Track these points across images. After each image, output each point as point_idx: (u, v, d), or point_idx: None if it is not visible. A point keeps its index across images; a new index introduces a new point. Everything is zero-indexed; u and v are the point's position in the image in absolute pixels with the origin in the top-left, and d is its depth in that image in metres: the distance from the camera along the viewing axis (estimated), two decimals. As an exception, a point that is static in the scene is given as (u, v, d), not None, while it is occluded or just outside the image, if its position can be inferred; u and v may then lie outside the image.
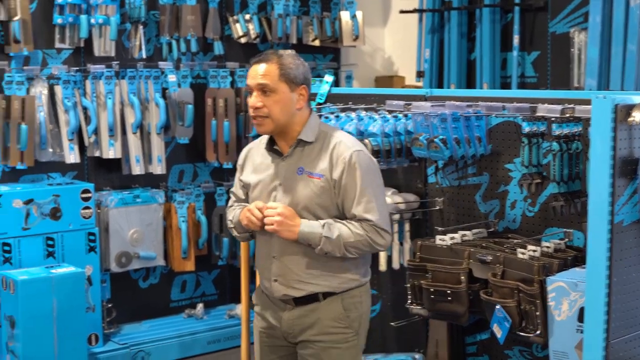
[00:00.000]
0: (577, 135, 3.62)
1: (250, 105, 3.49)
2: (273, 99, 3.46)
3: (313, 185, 3.49)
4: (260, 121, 3.48)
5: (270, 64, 3.47)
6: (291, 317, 3.57)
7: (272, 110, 3.46)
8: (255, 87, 3.46)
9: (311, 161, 3.52)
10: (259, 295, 3.75)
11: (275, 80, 3.46)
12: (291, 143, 3.55)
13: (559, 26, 6.28)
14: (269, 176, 3.58)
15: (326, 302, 3.55)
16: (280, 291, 3.56)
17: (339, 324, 3.55)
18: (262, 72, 3.46)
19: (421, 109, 4.09)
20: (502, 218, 4.13)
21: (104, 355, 5.72)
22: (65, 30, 5.87)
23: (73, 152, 5.82)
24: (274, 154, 3.60)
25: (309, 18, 6.90)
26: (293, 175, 3.53)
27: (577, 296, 3.39)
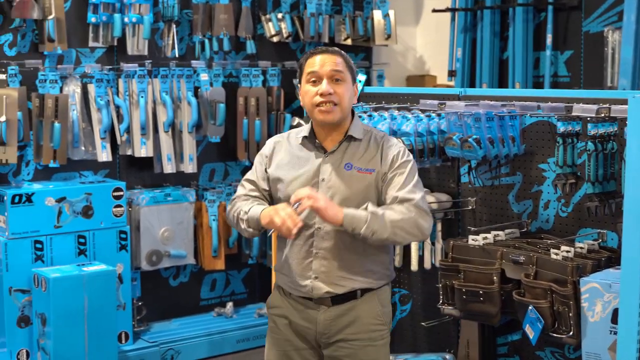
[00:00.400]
0: (612, 135, 3.59)
1: (323, 92, 3.41)
2: (343, 87, 3.46)
3: (364, 180, 3.47)
4: (330, 108, 3.43)
5: (337, 55, 3.49)
6: (328, 317, 3.50)
7: (342, 98, 3.45)
8: (327, 74, 3.43)
9: (359, 157, 3.49)
10: (279, 298, 3.63)
11: (345, 70, 3.48)
12: (338, 139, 3.52)
13: (592, 25, 6.23)
14: (309, 172, 3.50)
15: (364, 299, 3.51)
16: (322, 289, 3.48)
17: (377, 321, 3.53)
18: (335, 62, 3.46)
19: (455, 109, 4.07)
20: (535, 218, 4.10)
21: (133, 353, 5.74)
22: (99, 29, 5.89)
23: (105, 150, 5.85)
24: (315, 149, 3.53)
25: (342, 17, 6.88)
26: (339, 171, 3.48)
27: (611, 297, 3.36)
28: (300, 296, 3.54)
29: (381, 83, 7.20)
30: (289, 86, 6.67)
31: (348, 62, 3.51)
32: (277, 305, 3.63)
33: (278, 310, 3.61)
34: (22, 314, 5.30)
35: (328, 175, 3.48)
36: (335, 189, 3.45)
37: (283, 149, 3.61)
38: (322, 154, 3.52)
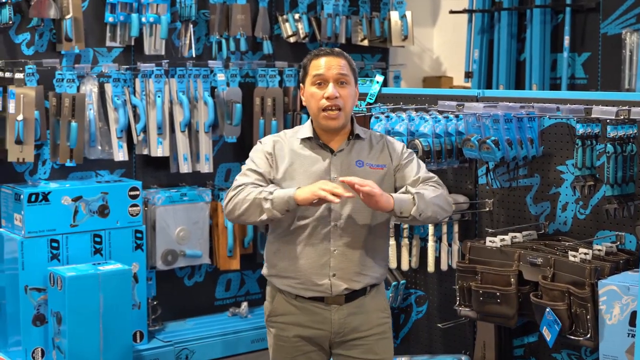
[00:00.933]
0: (631, 138, 3.57)
1: (329, 95, 3.45)
2: (348, 91, 3.50)
3: (377, 175, 3.53)
4: (335, 115, 3.47)
5: (342, 57, 3.53)
6: (342, 316, 3.53)
7: (347, 102, 3.50)
8: (333, 77, 3.47)
9: (367, 155, 3.57)
10: (283, 304, 3.59)
11: (349, 72, 3.52)
12: (342, 138, 3.56)
13: (610, 27, 6.21)
14: (318, 171, 3.51)
15: (371, 294, 3.59)
16: (341, 285, 3.50)
17: (384, 314, 3.64)
18: (340, 65, 3.50)
19: (473, 110, 4.06)
20: (552, 220, 4.08)
21: (148, 353, 5.74)
22: (116, 29, 5.90)
23: (122, 150, 5.85)
24: (320, 148, 3.55)
25: (358, 18, 6.88)
26: (351, 168, 3.52)
27: (629, 300, 3.34)
28: (311, 297, 3.53)
29: (397, 84, 7.19)
30: (305, 87, 6.66)
31: (351, 65, 3.56)
32: (282, 312, 3.59)
33: (284, 318, 3.58)
34: (37, 313, 5.31)
35: (339, 173, 3.51)
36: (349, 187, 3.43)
37: (285, 148, 3.58)
38: (329, 153, 3.55)
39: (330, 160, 3.54)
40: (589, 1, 6.32)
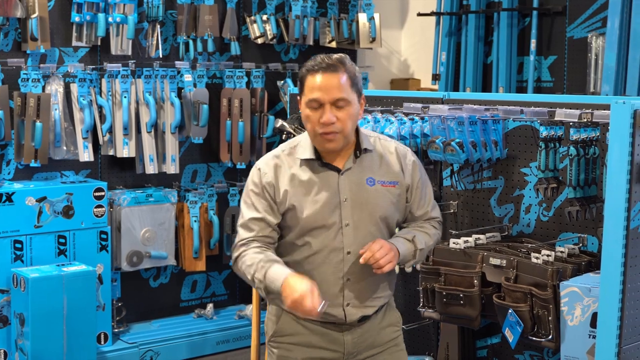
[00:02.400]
0: (594, 140, 3.59)
1: (324, 122, 3.13)
2: (347, 112, 3.16)
3: (390, 195, 3.30)
4: (333, 137, 3.16)
5: (341, 74, 3.16)
6: (356, 336, 3.32)
7: (345, 125, 3.17)
8: (330, 101, 3.14)
9: (377, 170, 3.30)
10: (290, 324, 3.35)
11: (348, 92, 3.17)
12: (347, 154, 3.28)
13: (576, 31, 6.25)
14: (326, 194, 3.23)
15: (383, 310, 3.40)
16: (356, 314, 3.29)
17: (396, 327, 3.47)
18: (337, 85, 3.14)
19: (438, 112, 4.07)
20: (516, 222, 4.10)
21: (112, 354, 5.71)
22: (83, 29, 5.87)
23: (87, 150, 5.82)
24: (325, 169, 3.26)
25: (326, 19, 6.88)
26: (362, 187, 3.26)
27: (590, 301, 3.36)
28: (321, 321, 3.30)
29: (365, 86, 7.20)
30: (272, 88, 6.67)
31: (353, 78, 3.19)
32: (289, 333, 3.35)
33: (291, 339, 3.34)
34: (0, 314, 5.26)
35: (350, 194, 3.25)
36: (362, 209, 3.25)
37: (286, 172, 3.27)
38: (336, 172, 3.26)
39: (338, 181, 3.25)
40: (556, 5, 6.36)
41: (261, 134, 6.50)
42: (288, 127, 4.66)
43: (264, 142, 6.57)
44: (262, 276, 3.15)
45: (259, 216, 3.25)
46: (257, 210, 3.26)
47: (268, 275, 3.13)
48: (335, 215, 3.23)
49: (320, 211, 3.22)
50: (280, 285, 3.09)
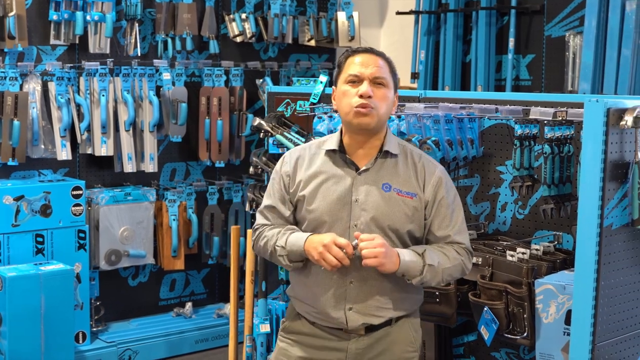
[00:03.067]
0: (569, 139, 3.60)
1: (363, 93, 3.11)
2: (384, 93, 3.16)
3: (404, 205, 3.19)
4: (368, 111, 3.12)
5: (382, 58, 3.21)
6: (360, 346, 3.23)
7: (381, 104, 3.15)
8: (369, 76, 3.14)
9: (397, 177, 3.21)
10: (299, 325, 3.32)
11: (387, 75, 3.20)
12: (371, 154, 3.23)
13: (554, 30, 6.27)
14: (340, 191, 3.19)
15: (398, 325, 3.27)
16: (358, 320, 3.19)
17: (410, 348, 3.30)
18: (379, 64, 3.18)
19: (414, 110, 4.07)
20: (492, 220, 4.11)
21: (91, 353, 5.71)
22: (61, 27, 5.85)
23: (65, 149, 5.81)
24: (345, 164, 3.23)
25: (305, 18, 6.89)
26: (376, 191, 3.18)
27: (565, 299, 3.37)
28: (328, 326, 3.26)
29: (344, 85, 7.19)
30: (251, 86, 6.67)
31: (392, 67, 3.24)
32: (296, 331, 3.34)
33: (297, 337, 3.32)
34: (-22, 313, 5.26)
35: (363, 196, 3.18)
36: (372, 213, 3.17)
37: (306, 164, 3.27)
38: (354, 170, 3.22)
39: (353, 181, 3.20)
40: (534, 4, 6.37)
41: (240, 133, 6.50)
42: (265, 125, 4.66)
43: (242, 141, 6.57)
44: (283, 242, 3.19)
45: (272, 204, 3.30)
46: (272, 198, 3.31)
47: (289, 240, 3.18)
48: (344, 213, 3.18)
49: (330, 206, 3.19)
50: (303, 244, 3.13)
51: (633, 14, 5.59)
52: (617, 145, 3.18)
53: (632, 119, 3.14)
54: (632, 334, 3.34)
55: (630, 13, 5.60)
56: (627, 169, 3.20)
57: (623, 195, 3.21)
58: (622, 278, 3.26)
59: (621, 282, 3.25)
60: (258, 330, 4.79)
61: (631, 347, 3.35)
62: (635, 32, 5.59)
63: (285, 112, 4.81)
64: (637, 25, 5.60)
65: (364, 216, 3.17)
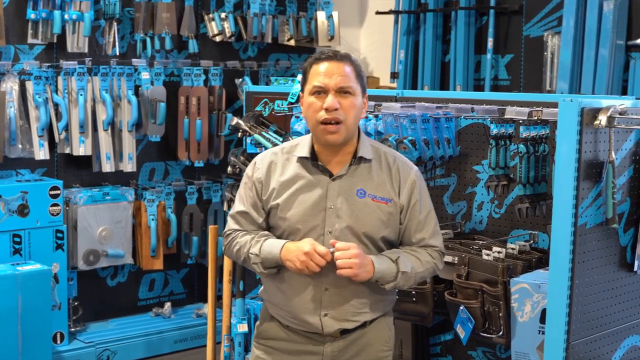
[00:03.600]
0: (544, 138, 3.61)
1: (328, 106, 3.04)
2: (351, 102, 3.08)
3: (379, 211, 3.14)
4: (336, 128, 3.06)
5: (346, 63, 3.10)
6: (336, 349, 3.21)
7: (348, 115, 3.07)
8: (334, 87, 3.06)
9: (372, 182, 3.16)
10: (274, 329, 3.29)
11: (353, 82, 3.10)
12: (344, 160, 3.17)
13: (532, 30, 6.29)
14: (314, 198, 3.14)
15: (372, 326, 3.25)
16: (333, 326, 3.16)
17: (385, 347, 3.29)
18: (342, 73, 3.07)
19: (391, 110, 4.07)
20: (469, 219, 4.12)
21: (69, 354, 5.69)
22: (39, 26, 5.82)
23: (43, 148, 5.79)
24: (318, 172, 3.17)
25: (285, 17, 6.88)
26: (350, 197, 3.14)
27: (540, 298, 3.38)
28: (302, 330, 3.23)
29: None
30: (231, 86, 6.66)
31: (358, 71, 3.14)
32: (271, 337, 3.30)
33: (272, 342, 3.29)
34: (-46, 313, 5.23)
35: (338, 202, 3.13)
36: (347, 220, 3.13)
37: (279, 170, 3.22)
38: (328, 177, 3.16)
39: (327, 187, 3.15)
40: (512, 4, 6.40)
41: (219, 132, 6.49)
42: (243, 125, 4.65)
43: (222, 140, 6.56)
44: (257, 250, 3.15)
45: (244, 210, 3.24)
46: (244, 203, 3.25)
47: (264, 248, 3.14)
48: (318, 220, 3.13)
49: (304, 213, 3.14)
50: (279, 252, 3.10)
51: (610, 14, 5.62)
52: (592, 144, 3.19)
53: (606, 119, 3.15)
54: (607, 332, 3.36)
55: (608, 13, 5.63)
56: (601, 168, 3.21)
57: (597, 194, 3.22)
58: (597, 277, 3.27)
59: (595, 281, 3.27)
60: (236, 330, 4.79)
61: (605, 345, 3.36)
62: (612, 32, 5.62)
63: (263, 111, 4.81)
64: (614, 25, 5.63)
65: (338, 223, 3.13)
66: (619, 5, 5.62)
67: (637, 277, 3.46)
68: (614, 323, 3.39)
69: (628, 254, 3.41)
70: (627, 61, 5.72)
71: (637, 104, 3.45)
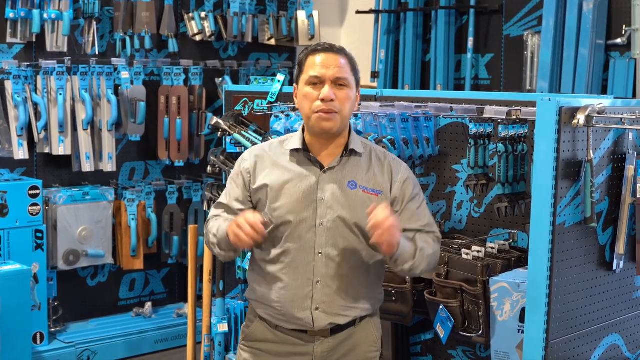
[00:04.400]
0: (523, 137, 3.62)
1: (325, 97, 3.06)
2: (346, 93, 3.11)
3: (370, 202, 3.12)
4: (331, 116, 3.08)
5: (343, 56, 3.14)
6: (326, 349, 3.20)
7: (344, 106, 3.10)
8: (330, 78, 3.08)
9: (363, 174, 3.17)
10: (262, 331, 3.27)
11: (349, 74, 3.13)
12: (336, 152, 3.18)
13: (513, 29, 6.31)
14: (304, 190, 3.14)
15: (362, 325, 3.25)
16: (325, 320, 3.15)
17: (373, 347, 3.30)
18: (338, 64, 3.10)
19: (370, 109, 4.07)
20: (448, 219, 4.12)
21: (49, 354, 5.66)
22: (17, 25, 5.81)
23: (22, 148, 5.76)
24: (310, 163, 3.18)
25: (265, 17, 6.87)
26: (342, 189, 3.14)
27: (519, 297, 3.39)
28: (292, 329, 3.21)
29: (304, 84, 7.18)
30: (211, 85, 6.65)
31: (353, 65, 3.18)
32: (259, 339, 3.27)
33: (261, 345, 3.26)
34: None
35: (329, 194, 3.13)
36: (338, 211, 3.12)
37: (267, 161, 3.21)
38: (319, 169, 3.16)
39: (318, 179, 3.15)
40: (493, 3, 6.41)
41: (199, 132, 6.48)
42: (223, 124, 4.64)
43: (202, 140, 6.55)
44: (215, 231, 3.17)
45: (223, 202, 3.25)
46: (227, 196, 3.25)
47: (220, 228, 3.14)
48: (309, 212, 3.13)
49: (294, 205, 3.13)
50: (225, 229, 3.08)
51: (590, 14, 5.64)
52: (570, 143, 3.20)
53: (584, 118, 3.16)
54: (586, 331, 3.37)
55: (588, 13, 5.65)
56: (579, 167, 3.23)
57: (576, 193, 3.24)
58: (576, 276, 3.28)
59: (574, 280, 3.28)
60: (216, 329, 4.78)
61: (585, 344, 3.38)
62: (592, 31, 5.65)
63: (242, 111, 4.79)
64: (594, 24, 5.65)
65: (330, 214, 3.13)
66: (598, 5, 5.65)
67: (616, 276, 3.47)
68: (593, 322, 3.40)
69: (607, 253, 3.42)
70: (606, 61, 5.75)
71: (615, 103, 3.47)
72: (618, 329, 3.53)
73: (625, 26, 5.64)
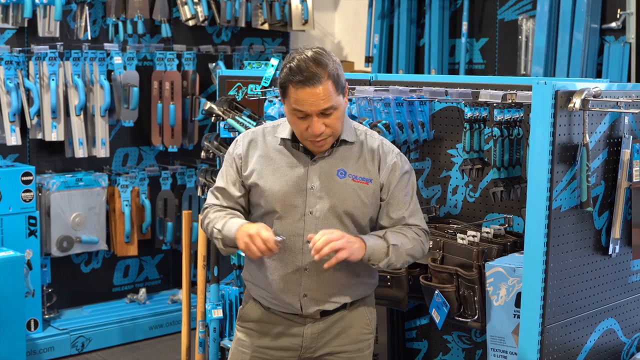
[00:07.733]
0: (518, 121, 3.60)
1: (314, 133, 3.03)
2: (335, 116, 3.05)
3: (360, 191, 3.15)
4: (323, 142, 3.09)
5: (324, 82, 3.01)
6: (316, 331, 3.24)
7: (335, 128, 3.08)
8: (316, 112, 3.02)
9: (352, 163, 3.17)
10: (255, 311, 3.30)
11: (334, 97, 3.03)
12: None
13: (507, 13, 6.29)
14: (295, 178, 3.15)
15: (353, 308, 3.27)
16: (312, 307, 3.19)
17: (366, 330, 3.32)
18: (322, 96, 3.00)
19: (365, 94, 4.05)
20: (443, 203, 4.11)
21: (43, 341, 5.65)
22: (9, 10, 5.76)
23: (14, 134, 5.73)
24: (300, 152, 3.17)
25: (258, 1, 6.83)
26: (331, 178, 3.15)
27: (515, 281, 3.38)
28: (283, 312, 3.25)
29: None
30: (204, 70, 6.62)
31: (335, 80, 3.04)
32: (253, 319, 3.31)
33: (254, 325, 3.30)
34: None
35: (318, 183, 3.14)
36: (328, 200, 3.13)
37: (259, 148, 3.21)
38: (309, 157, 3.17)
39: (308, 168, 3.15)
40: (487, -13, 6.40)
41: (193, 117, 6.46)
42: (216, 109, 4.62)
43: (195, 125, 6.52)
44: (220, 226, 3.16)
45: (222, 186, 3.25)
46: (224, 180, 3.26)
47: (226, 225, 3.14)
48: (299, 200, 3.13)
49: (285, 193, 3.14)
50: (235, 231, 3.09)
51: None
52: (566, 127, 3.18)
53: (580, 102, 3.14)
54: (582, 316, 3.36)
55: (582, -4, 5.64)
56: (575, 151, 3.21)
57: (572, 177, 3.22)
58: (571, 260, 3.27)
59: (570, 265, 3.27)
60: (211, 315, 4.76)
61: (581, 328, 3.37)
62: (586, 15, 5.63)
63: (236, 95, 4.77)
64: (588, 9, 5.63)
65: (319, 204, 3.13)
66: (593, -11, 5.64)
67: (612, 260, 3.46)
68: (589, 306, 3.39)
69: (603, 237, 3.41)
70: (601, 45, 5.73)
71: (611, 87, 3.45)
72: (614, 313, 3.52)
73: (620, 10, 5.63)
